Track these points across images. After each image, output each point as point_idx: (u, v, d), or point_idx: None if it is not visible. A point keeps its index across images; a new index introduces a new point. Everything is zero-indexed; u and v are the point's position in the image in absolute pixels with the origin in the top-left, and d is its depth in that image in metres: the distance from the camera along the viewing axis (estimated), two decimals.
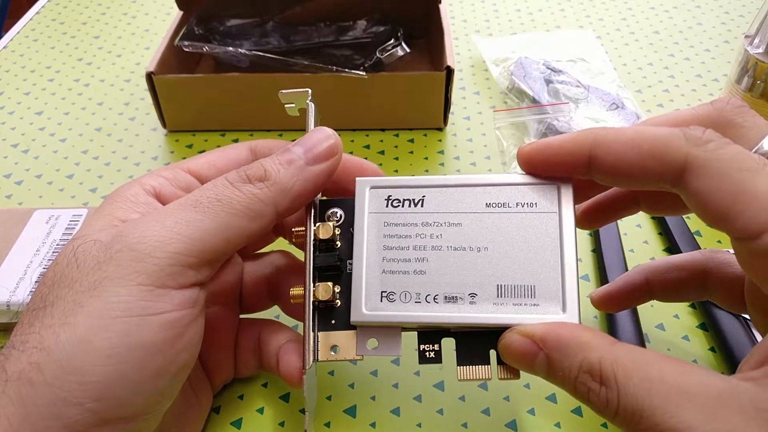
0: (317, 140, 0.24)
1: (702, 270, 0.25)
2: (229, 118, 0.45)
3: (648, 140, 0.20)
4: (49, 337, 0.19)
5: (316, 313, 0.24)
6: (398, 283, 0.23)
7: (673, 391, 0.17)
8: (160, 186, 0.24)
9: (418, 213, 0.23)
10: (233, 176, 0.23)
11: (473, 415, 0.27)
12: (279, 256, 0.29)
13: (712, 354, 0.30)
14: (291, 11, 0.48)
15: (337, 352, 0.23)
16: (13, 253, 0.32)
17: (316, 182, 0.23)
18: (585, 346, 0.19)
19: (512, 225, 0.22)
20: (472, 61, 0.53)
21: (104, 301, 0.19)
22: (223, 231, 0.21)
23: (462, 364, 0.22)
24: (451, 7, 0.61)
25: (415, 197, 0.23)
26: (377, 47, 0.42)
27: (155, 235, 0.20)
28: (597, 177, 0.21)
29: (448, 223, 0.23)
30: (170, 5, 0.61)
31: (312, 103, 0.26)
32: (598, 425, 0.27)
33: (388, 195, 0.24)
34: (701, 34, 0.56)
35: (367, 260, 0.23)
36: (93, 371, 0.18)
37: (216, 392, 0.28)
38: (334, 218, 0.25)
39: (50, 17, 0.61)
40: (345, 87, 0.42)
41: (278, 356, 0.26)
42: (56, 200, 0.40)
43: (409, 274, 0.23)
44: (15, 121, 0.47)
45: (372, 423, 0.27)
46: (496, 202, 0.23)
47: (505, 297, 0.22)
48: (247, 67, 0.45)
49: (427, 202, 0.23)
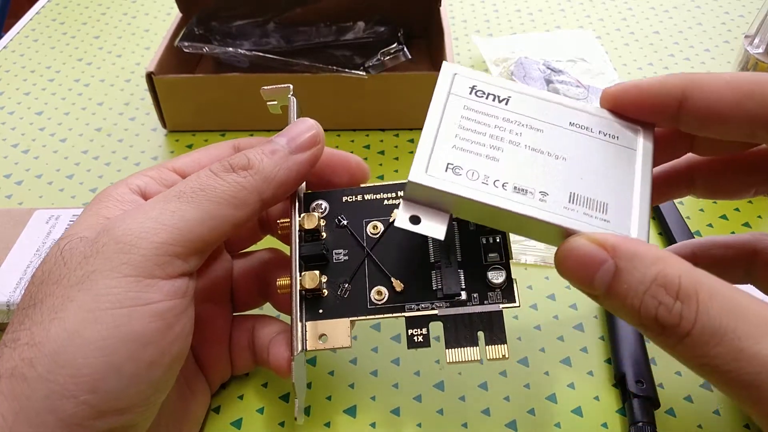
0: (300, 130, 0.24)
1: (750, 251, 0.25)
2: (229, 118, 0.45)
3: (748, 81, 0.20)
4: (39, 332, 0.19)
5: (304, 302, 0.24)
6: (468, 161, 0.21)
7: (764, 320, 0.16)
8: (145, 185, 0.24)
9: (501, 108, 0.22)
10: (217, 167, 0.23)
11: (473, 415, 0.27)
12: (267, 252, 0.29)
13: None
14: (291, 12, 0.48)
15: (326, 341, 0.24)
16: (13, 253, 0.32)
17: (299, 170, 0.24)
18: (662, 261, 0.18)
19: (592, 147, 0.22)
20: (472, 61, 0.53)
21: (93, 293, 0.19)
22: (207, 219, 0.21)
23: (450, 347, 0.23)
24: (451, 7, 0.61)
25: (501, 95, 0.22)
26: (377, 47, 0.42)
27: (140, 227, 0.21)
28: (686, 121, 0.21)
29: (530, 126, 0.22)
30: (170, 5, 0.61)
31: (293, 97, 0.26)
32: (599, 425, 0.27)
33: (473, 85, 0.22)
34: (701, 34, 0.56)
35: (439, 131, 0.21)
36: (85, 363, 0.18)
37: (214, 391, 0.28)
38: (319, 210, 0.26)
39: (50, 17, 0.61)
40: (345, 87, 0.42)
41: (268, 348, 0.26)
42: (56, 200, 0.40)
43: (481, 156, 0.21)
44: (15, 121, 0.47)
45: (372, 423, 0.27)
46: (579, 124, 0.22)
47: (577, 205, 0.20)
48: (247, 67, 0.45)
49: (512, 102, 0.22)
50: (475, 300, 0.23)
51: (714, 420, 0.27)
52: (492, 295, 0.23)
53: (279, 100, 0.27)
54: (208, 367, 0.27)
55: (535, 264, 0.35)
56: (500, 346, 0.23)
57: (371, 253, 0.25)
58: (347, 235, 0.25)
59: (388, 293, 0.24)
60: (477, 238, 0.24)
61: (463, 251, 0.24)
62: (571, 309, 0.32)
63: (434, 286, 0.24)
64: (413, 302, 0.24)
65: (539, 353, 0.30)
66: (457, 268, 0.24)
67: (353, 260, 0.25)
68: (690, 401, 0.28)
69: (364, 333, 0.31)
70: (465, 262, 0.24)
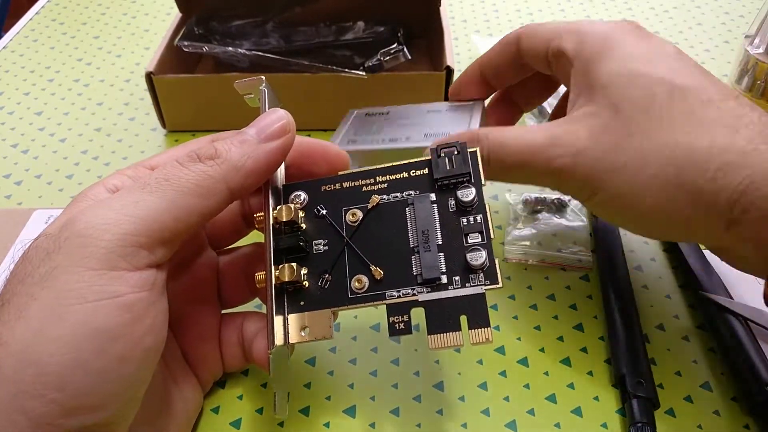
0: (270, 120, 0.24)
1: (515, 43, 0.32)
2: (229, 118, 0.44)
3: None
4: (5, 333, 0.19)
5: (284, 295, 0.24)
6: (360, 136, 0.33)
7: None
8: (121, 184, 0.24)
9: (382, 115, 0.35)
10: (183, 158, 0.23)
11: (473, 415, 0.27)
12: (253, 248, 0.29)
13: (712, 354, 0.30)
14: (291, 12, 0.48)
15: (308, 333, 0.24)
16: (12, 253, 0.32)
17: (268, 159, 0.23)
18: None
19: (442, 116, 0.34)
20: (472, 61, 0.53)
21: (56, 290, 0.19)
22: (173, 209, 0.21)
23: (432, 333, 0.22)
24: (451, 7, 0.61)
25: (383, 111, 0.36)
26: (377, 47, 0.42)
27: (103, 219, 0.20)
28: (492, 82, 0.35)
29: (400, 116, 0.35)
30: (170, 5, 0.61)
31: (266, 89, 0.26)
32: (598, 425, 0.27)
33: (366, 112, 0.36)
34: (701, 34, 0.56)
35: (346, 131, 0.34)
36: (51, 361, 0.18)
37: (207, 390, 0.28)
38: (298, 201, 0.26)
39: (50, 17, 0.61)
40: (345, 87, 0.42)
41: (252, 343, 0.26)
42: (56, 200, 0.40)
43: (369, 133, 0.33)
44: (15, 121, 0.47)
45: (372, 423, 0.27)
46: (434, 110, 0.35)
47: (430, 138, 0.31)
48: (247, 67, 0.45)
49: (390, 113, 0.35)
50: (456, 283, 0.23)
51: (714, 420, 0.27)
52: (474, 277, 0.23)
53: (254, 92, 0.27)
54: (198, 364, 0.27)
55: (535, 264, 0.35)
56: (483, 329, 0.22)
57: (350, 241, 0.25)
58: (326, 225, 0.25)
59: (368, 281, 0.24)
60: (458, 219, 0.24)
61: (443, 234, 0.24)
62: (571, 309, 0.32)
63: (414, 271, 0.23)
64: (394, 289, 0.23)
65: (539, 353, 0.30)
66: (437, 252, 0.23)
67: (333, 250, 0.25)
68: (690, 401, 0.28)
69: (364, 333, 0.31)
70: (445, 245, 0.23)
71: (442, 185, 0.24)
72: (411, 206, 0.24)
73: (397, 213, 0.25)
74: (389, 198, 0.25)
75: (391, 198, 0.25)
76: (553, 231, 0.36)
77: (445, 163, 0.24)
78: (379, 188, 0.25)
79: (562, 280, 0.34)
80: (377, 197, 0.25)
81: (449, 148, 0.25)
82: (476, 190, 0.24)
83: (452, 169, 0.24)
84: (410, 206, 0.24)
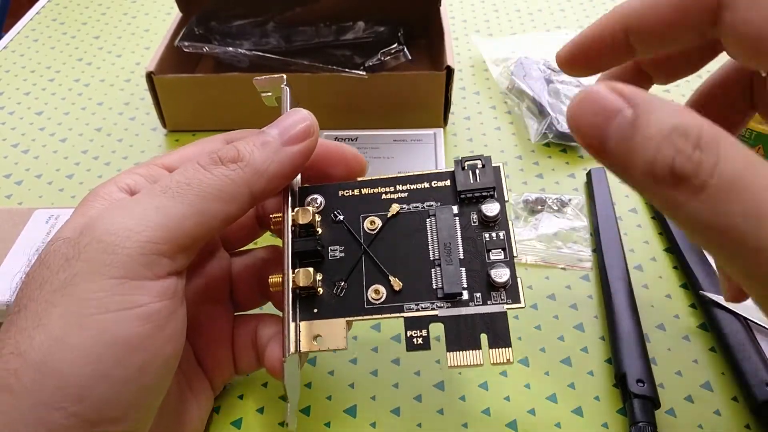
0: (293, 121, 0.23)
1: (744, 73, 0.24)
2: (229, 118, 0.45)
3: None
4: (23, 341, 0.18)
5: (297, 300, 0.23)
6: None
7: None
8: (134, 183, 0.23)
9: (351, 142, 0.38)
10: (204, 159, 0.22)
11: (473, 415, 0.27)
12: (267, 251, 0.28)
13: (712, 354, 0.30)
14: (291, 12, 0.48)
15: (321, 342, 0.23)
16: (12, 253, 0.32)
17: (292, 163, 0.23)
18: (680, 114, 0.16)
19: (406, 146, 0.38)
20: (472, 61, 0.53)
21: (77, 298, 0.18)
22: (195, 215, 0.20)
23: (451, 350, 0.22)
24: (451, 7, 0.61)
25: (352, 137, 0.40)
26: (377, 47, 0.42)
27: (124, 225, 0.19)
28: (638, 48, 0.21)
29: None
30: (170, 5, 0.61)
31: (287, 87, 0.25)
32: (599, 425, 0.27)
33: (336, 135, 0.40)
34: None
35: None
36: (71, 372, 0.18)
37: (218, 392, 0.28)
38: (314, 204, 0.25)
39: (50, 17, 0.61)
40: (345, 87, 0.42)
41: (265, 348, 0.25)
42: (56, 200, 0.40)
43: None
44: (15, 121, 0.47)
45: (372, 423, 0.27)
46: (400, 138, 0.39)
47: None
48: (247, 67, 0.45)
49: (359, 139, 0.39)
50: (477, 300, 0.23)
51: (714, 420, 0.27)
52: (495, 295, 0.22)
53: (273, 91, 0.26)
54: (211, 368, 0.26)
55: (535, 264, 0.35)
56: (504, 349, 0.22)
57: (368, 249, 0.24)
58: (343, 230, 0.24)
59: (386, 292, 0.23)
60: (480, 235, 0.23)
61: (465, 248, 0.23)
62: (571, 309, 0.32)
63: (434, 285, 0.23)
64: (412, 302, 0.23)
65: (539, 353, 0.30)
66: (458, 266, 0.23)
67: (350, 257, 0.24)
68: (690, 401, 0.28)
69: (364, 333, 0.31)
70: (467, 260, 0.23)
71: (465, 198, 0.24)
72: (432, 218, 0.24)
73: (417, 224, 0.24)
74: (409, 207, 0.24)
75: (411, 208, 0.24)
76: (554, 231, 0.36)
77: (469, 176, 0.24)
78: (399, 197, 0.25)
79: (562, 280, 0.34)
80: (397, 206, 0.24)
81: (473, 161, 0.24)
82: (500, 205, 0.23)
83: (476, 183, 0.24)
84: (431, 218, 0.24)
